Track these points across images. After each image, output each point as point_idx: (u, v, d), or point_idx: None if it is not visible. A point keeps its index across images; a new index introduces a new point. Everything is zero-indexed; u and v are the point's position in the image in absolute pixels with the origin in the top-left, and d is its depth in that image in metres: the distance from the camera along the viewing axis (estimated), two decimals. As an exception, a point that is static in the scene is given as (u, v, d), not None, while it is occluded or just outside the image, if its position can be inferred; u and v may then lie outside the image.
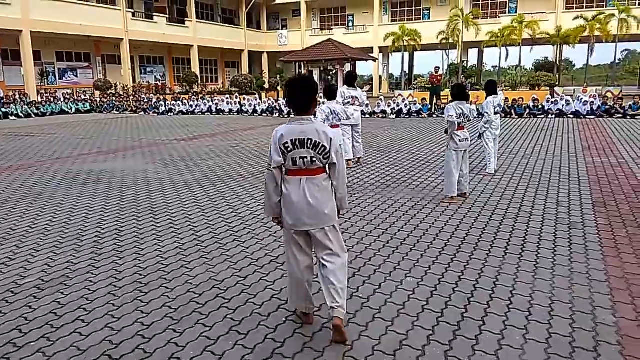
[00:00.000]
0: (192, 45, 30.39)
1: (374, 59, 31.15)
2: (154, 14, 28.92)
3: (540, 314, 2.96)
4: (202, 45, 30.96)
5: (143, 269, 3.80)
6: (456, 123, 5.40)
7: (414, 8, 34.51)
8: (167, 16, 29.75)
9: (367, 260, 3.88)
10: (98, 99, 24.32)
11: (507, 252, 4.01)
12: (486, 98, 7.02)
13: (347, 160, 7.89)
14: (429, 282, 3.46)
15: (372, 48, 32.70)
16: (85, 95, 25.32)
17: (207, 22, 33.22)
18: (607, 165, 7.55)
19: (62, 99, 23.31)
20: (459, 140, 5.47)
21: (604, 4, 28.64)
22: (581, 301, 3.13)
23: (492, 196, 5.82)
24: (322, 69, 28.31)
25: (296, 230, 2.70)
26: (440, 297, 3.21)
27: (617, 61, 30.50)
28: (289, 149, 2.61)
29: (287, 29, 37.79)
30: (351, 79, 8.38)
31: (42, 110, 21.23)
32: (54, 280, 3.60)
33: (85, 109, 22.98)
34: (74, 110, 22.54)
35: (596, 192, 5.88)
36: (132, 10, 27.42)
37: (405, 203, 5.58)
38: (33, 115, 20.53)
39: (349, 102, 7.94)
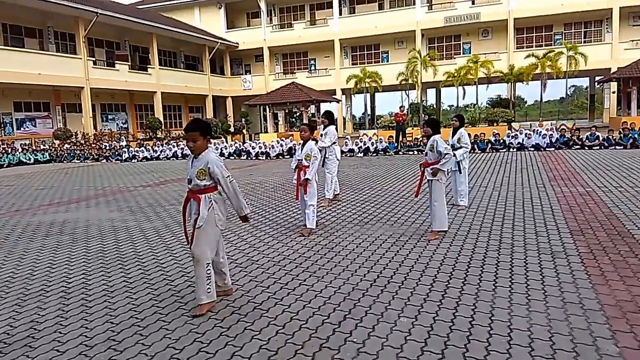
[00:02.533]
0: (155, 92, 30.22)
1: (337, 100, 31.75)
2: (116, 61, 28.73)
3: (543, 349, 2.85)
4: (166, 91, 30.84)
5: (115, 324, 3.50)
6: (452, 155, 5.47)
7: (373, 52, 35.66)
8: (129, 64, 29.61)
9: (356, 302, 3.71)
10: (57, 148, 23.58)
11: (496, 285, 3.93)
12: (457, 130, 7.12)
13: (326, 199, 7.82)
14: (424, 321, 3.31)
15: (334, 90, 33.39)
16: (44, 145, 24.56)
17: (170, 68, 33.26)
18: (575, 194, 7.72)
19: (20, 150, 22.51)
20: (447, 172, 5.53)
21: (552, 42, 30.41)
22: (580, 332, 3.05)
23: (471, 229, 5.80)
24: (286, 111, 28.61)
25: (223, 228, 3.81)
26: (439, 337, 3.06)
27: (567, 95, 32.17)
28: None
29: (250, 73, 38.25)
30: (333, 118, 8.44)
31: (-2, 161, 20.39)
32: (17, 343, 3.26)
33: (45, 159, 22.22)
34: (32, 160, 21.76)
35: (571, 221, 5.95)
36: (94, 59, 27.18)
37: (386, 239, 5.48)
38: (-12, 167, 19.66)
39: (335, 142, 8.02)
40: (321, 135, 7.98)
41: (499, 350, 2.86)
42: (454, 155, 6.89)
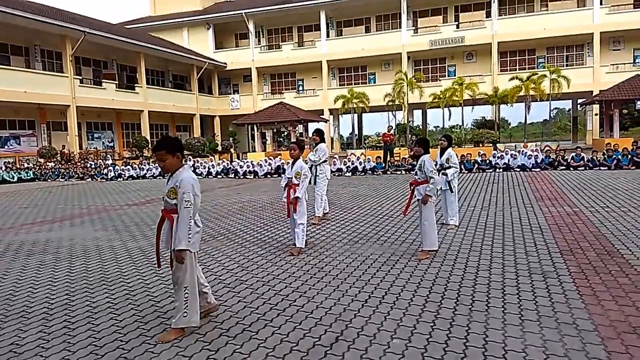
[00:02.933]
0: (142, 110, 30.07)
1: (325, 120, 31.91)
2: (103, 80, 28.61)
3: (539, 370, 2.80)
4: (153, 110, 30.71)
5: (99, 347, 3.38)
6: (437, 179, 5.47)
7: (360, 73, 36.07)
8: (117, 82, 29.50)
9: (348, 322, 3.64)
10: (42, 167, 23.24)
11: (489, 305, 3.89)
12: (445, 150, 7.15)
13: (315, 217, 7.78)
14: (417, 343, 3.25)
15: (322, 110, 33.58)
16: (28, 164, 24.19)
17: (157, 87, 33.19)
18: (563, 214, 7.76)
19: (4, 168, 22.13)
20: (437, 191, 5.52)
21: (535, 66, 31.07)
22: (576, 353, 3.02)
23: (461, 249, 5.78)
24: (274, 130, 28.65)
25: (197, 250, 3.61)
26: (433, 359, 3.00)
27: (551, 117, 32.75)
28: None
29: (238, 93, 38.33)
30: (323, 136, 8.45)
31: (-21, 180, 20.00)
32: (-7, 368, 3.12)
33: (29, 177, 21.87)
34: (15, 179, 21.39)
35: (560, 241, 5.96)
36: (80, 77, 27.03)
37: (377, 259, 5.43)
38: (-31, 186, 19.26)
39: (326, 161, 8.03)
40: (312, 153, 7.99)
41: (495, 372, 2.80)
42: (445, 174, 6.93)
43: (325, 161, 8.03)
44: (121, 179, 20.68)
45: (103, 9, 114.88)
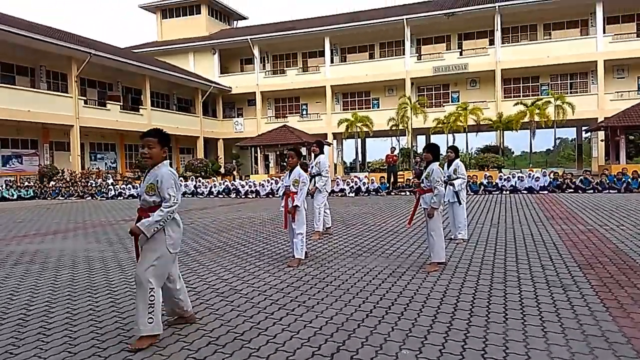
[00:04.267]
0: (146, 132, 30.00)
1: (329, 144, 31.77)
2: (107, 101, 28.68)
3: (571, 384, 2.44)
4: (157, 132, 30.63)
5: (74, 354, 3.03)
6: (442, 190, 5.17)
7: (364, 98, 36.13)
8: (121, 104, 29.57)
9: (351, 332, 3.29)
10: (42, 185, 23.03)
11: (507, 316, 3.53)
12: (452, 162, 6.86)
13: (316, 232, 7.44)
14: (429, 354, 2.89)
15: (326, 134, 33.48)
16: (29, 182, 23.99)
17: (162, 110, 33.26)
18: (577, 231, 7.40)
19: (4, 186, 21.92)
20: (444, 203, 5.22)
21: (539, 93, 31.02)
22: (610, 366, 2.65)
23: (472, 262, 5.42)
24: (277, 153, 28.48)
25: (177, 252, 3.32)
26: (448, 370, 2.64)
27: (555, 146, 32.48)
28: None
29: (242, 116, 38.39)
30: (323, 147, 8.17)
31: (-22, 197, 19.77)
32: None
33: (28, 196, 21.63)
34: (15, 196, 21.14)
35: (577, 256, 5.60)
36: (85, 98, 27.09)
37: (382, 271, 5.07)
38: (-33, 203, 19.00)
39: (327, 174, 7.71)
40: (312, 165, 7.71)
41: (520, 385, 2.44)
42: (452, 184, 6.63)
43: (326, 170, 7.69)
44: (121, 197, 20.40)
45: (111, 35, 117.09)
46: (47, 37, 23.02)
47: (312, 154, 7.92)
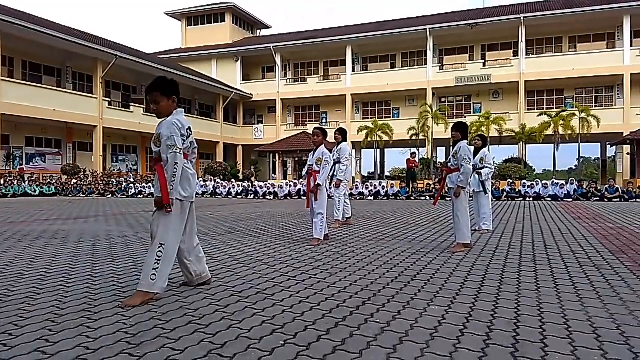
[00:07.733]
0: (167, 135, 30.36)
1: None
2: (131, 103, 29.16)
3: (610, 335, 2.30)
4: (177, 135, 30.98)
5: (94, 300, 2.98)
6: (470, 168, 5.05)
7: (384, 107, 36.07)
8: (144, 107, 30.02)
9: (377, 292, 3.17)
10: (64, 182, 23.40)
11: (539, 292, 3.29)
12: (479, 150, 6.72)
13: (336, 220, 7.35)
14: (458, 308, 2.77)
15: (345, 142, 33.44)
16: (51, 180, 24.41)
17: (184, 114, 33.66)
18: (606, 228, 7.16)
19: (27, 182, 22.33)
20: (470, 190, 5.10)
21: (563, 105, 30.53)
22: (654, 325, 2.49)
23: (499, 248, 5.25)
24: (296, 159, 28.51)
25: (190, 201, 3.14)
26: (479, 322, 2.51)
27: (577, 165, 31.86)
28: (188, 135, 3.16)
29: (262, 123, 38.65)
30: (346, 135, 8.10)
31: (3, 191, 20.14)
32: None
33: (50, 192, 21.97)
34: (37, 192, 21.50)
35: (609, 245, 5.39)
36: (109, 99, 27.59)
37: (404, 251, 4.95)
38: (-8, 196, 19.38)
39: (348, 162, 7.65)
40: (333, 152, 7.65)
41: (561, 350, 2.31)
42: (479, 173, 6.49)
43: (347, 158, 7.61)
44: (141, 195, 20.59)
45: (137, 41, 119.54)
46: (74, 38, 23.56)
47: (336, 142, 7.86)
